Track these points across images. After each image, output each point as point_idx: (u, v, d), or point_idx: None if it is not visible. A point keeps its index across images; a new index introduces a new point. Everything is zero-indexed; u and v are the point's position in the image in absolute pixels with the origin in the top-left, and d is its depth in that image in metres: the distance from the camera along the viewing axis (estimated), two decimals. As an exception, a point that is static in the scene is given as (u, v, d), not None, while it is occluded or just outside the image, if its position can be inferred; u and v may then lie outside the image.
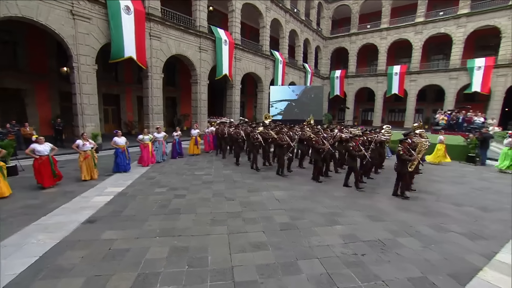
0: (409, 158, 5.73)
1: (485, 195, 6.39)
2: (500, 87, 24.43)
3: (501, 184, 7.32)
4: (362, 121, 34.86)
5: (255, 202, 5.66)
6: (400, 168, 5.86)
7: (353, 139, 6.85)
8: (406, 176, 5.92)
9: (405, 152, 5.73)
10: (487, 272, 3.18)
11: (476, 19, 24.93)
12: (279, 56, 23.68)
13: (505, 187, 7.16)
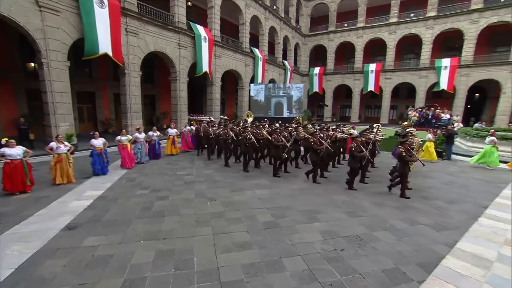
0: (412, 159, 5.90)
1: (451, 189, 6.92)
2: (463, 86, 26.22)
3: (466, 178, 7.94)
4: (340, 117, 35.94)
5: (238, 201, 5.75)
6: (402, 169, 6.00)
7: (355, 140, 6.79)
8: (407, 176, 6.08)
9: (407, 153, 5.89)
10: (449, 259, 3.53)
11: (442, 21, 26.49)
12: (259, 53, 23.75)
13: (468, 180, 7.77)
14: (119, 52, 12.70)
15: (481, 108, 28.90)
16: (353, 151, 6.49)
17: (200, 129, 10.85)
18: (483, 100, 28.50)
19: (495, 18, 24.31)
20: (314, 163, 7.24)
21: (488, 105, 28.15)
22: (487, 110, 28.28)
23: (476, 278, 3.15)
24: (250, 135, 8.14)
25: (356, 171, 6.71)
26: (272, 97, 18.01)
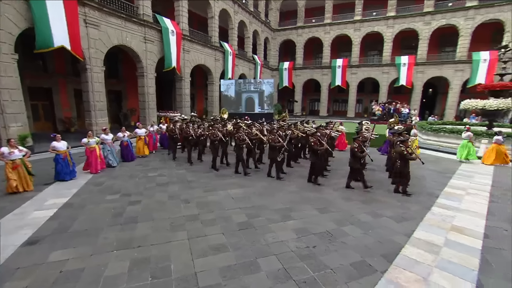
0: (412, 157, 6.04)
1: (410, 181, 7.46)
2: (419, 82, 28.45)
3: (422, 170, 8.54)
4: (309, 111, 37.03)
5: (212, 202, 5.78)
6: (403, 168, 6.15)
7: (356, 140, 6.70)
8: (408, 174, 6.23)
9: (408, 152, 6.03)
10: (407, 248, 3.93)
11: (401, 21, 28.32)
12: (229, 47, 23.50)
13: (424, 171, 8.38)
14: (78, 45, 11.79)
15: (434, 102, 31.66)
16: (355, 152, 6.47)
17: (174, 129, 10.20)
18: (435, 96, 31.20)
19: (444, 21, 26.62)
20: (314, 164, 7.07)
21: (439, 100, 30.90)
22: (439, 104, 31.06)
23: (427, 263, 3.56)
24: (244, 136, 7.76)
25: (356, 171, 6.65)
26: (243, 92, 18.00)
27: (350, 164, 6.70)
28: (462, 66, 26.43)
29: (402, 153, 6.02)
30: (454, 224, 4.75)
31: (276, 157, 7.26)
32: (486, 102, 12.39)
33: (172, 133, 10.28)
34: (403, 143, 6.16)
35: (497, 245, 4.13)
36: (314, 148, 6.92)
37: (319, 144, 6.97)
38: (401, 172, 6.22)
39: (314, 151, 7.02)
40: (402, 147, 6.06)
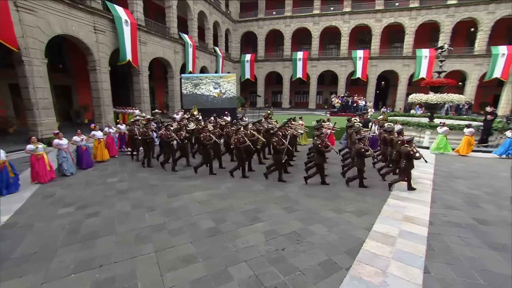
0: (417, 157, 6.24)
1: (368, 174, 7.73)
2: (373, 75, 30.50)
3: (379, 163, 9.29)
4: (272, 103, 37.53)
5: (178, 208, 5.60)
6: (408, 167, 6.39)
7: (319, 136, 6.86)
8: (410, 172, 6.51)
9: (414, 152, 6.25)
10: (368, 242, 4.27)
11: (356, 17, 29.87)
12: (189, 39, 22.55)
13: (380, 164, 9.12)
14: (10, 33, 10.23)
15: (386, 94, 34.29)
16: (320, 148, 6.62)
17: (147, 132, 8.79)
18: (387, 88, 33.77)
19: (392, 19, 28.73)
20: (319, 166, 6.91)
21: (391, 92, 33.57)
22: (390, 96, 33.74)
23: (386, 256, 3.92)
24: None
25: (322, 167, 6.86)
26: (202, 87, 17.50)
27: (316, 161, 6.94)
28: (408, 61, 28.94)
29: (409, 153, 6.26)
30: (406, 214, 5.26)
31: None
32: (428, 97, 13.78)
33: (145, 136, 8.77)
34: (408, 143, 6.39)
35: (438, 230, 4.69)
36: (322, 150, 6.74)
37: (281, 143, 7.04)
38: (405, 171, 6.47)
39: (277, 150, 7.08)
40: (408, 147, 6.28)
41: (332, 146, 6.94)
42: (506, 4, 25.08)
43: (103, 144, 9.43)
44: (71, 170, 7.89)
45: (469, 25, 27.15)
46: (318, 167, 6.94)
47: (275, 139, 7.12)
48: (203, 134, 7.81)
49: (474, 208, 5.68)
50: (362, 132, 8.06)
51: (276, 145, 7.01)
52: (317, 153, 6.83)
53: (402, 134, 7.52)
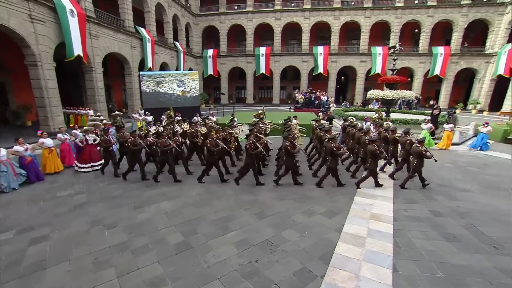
0: (429, 156, 6.45)
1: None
2: (333, 70, 31.80)
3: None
4: (236, 99, 37.24)
5: (143, 222, 5.19)
6: (419, 166, 6.62)
7: (287, 138, 6.81)
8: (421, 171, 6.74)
9: (427, 150, 6.49)
10: (340, 246, 4.37)
11: (316, 14, 30.72)
12: (146, 33, 21.15)
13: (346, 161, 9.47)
14: None
15: (346, 89, 36.09)
16: (289, 150, 6.55)
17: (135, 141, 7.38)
18: (346, 83, 35.55)
19: (349, 17, 30.16)
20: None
21: (350, 87, 35.43)
22: (349, 90, 35.60)
23: (357, 258, 4.04)
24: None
25: (293, 168, 6.94)
26: (165, 85, 16.55)
27: (286, 163, 6.86)
28: (365, 58, 30.71)
29: (421, 153, 6.47)
30: (372, 212, 5.52)
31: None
32: (385, 93, 14.75)
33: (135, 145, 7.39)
34: (420, 143, 6.59)
35: (402, 226, 5.00)
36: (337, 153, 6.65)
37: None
38: (415, 170, 6.70)
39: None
40: (420, 147, 6.50)
41: (299, 147, 6.94)
42: (443, 9, 28.07)
43: (55, 153, 8.31)
44: (13, 185, 6.86)
45: (414, 26, 29.65)
46: (287, 169, 6.94)
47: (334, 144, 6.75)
48: (209, 139, 7.18)
49: (430, 200, 6.17)
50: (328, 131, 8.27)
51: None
52: (286, 155, 6.80)
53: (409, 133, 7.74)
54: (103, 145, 7.87)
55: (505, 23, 26.99)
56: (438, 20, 28.59)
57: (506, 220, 5.31)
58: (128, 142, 7.39)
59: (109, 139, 7.92)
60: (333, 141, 6.69)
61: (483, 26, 28.79)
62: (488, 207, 5.88)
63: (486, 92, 28.94)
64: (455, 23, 28.50)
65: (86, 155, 8.41)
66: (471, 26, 28.69)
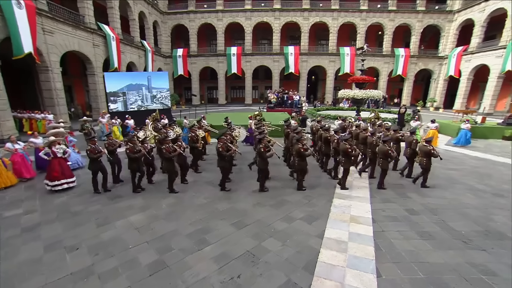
0: (436, 155, 6.63)
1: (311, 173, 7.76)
2: (304, 70, 32.41)
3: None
4: (208, 99, 36.51)
5: (110, 241, 4.66)
6: (427, 164, 6.77)
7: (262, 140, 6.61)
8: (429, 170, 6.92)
9: (434, 151, 6.64)
10: (323, 253, 4.27)
11: (285, 14, 31.06)
12: (110, 31, 19.77)
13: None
14: None
15: (316, 88, 37.01)
16: (262, 152, 6.36)
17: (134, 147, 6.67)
18: (317, 82, 36.45)
19: (318, 18, 30.93)
20: (303, 171, 6.76)
21: (320, 86, 36.38)
22: (320, 90, 36.56)
23: (341, 265, 3.96)
24: (230, 146, 6.73)
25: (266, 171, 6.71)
26: (133, 86, 15.51)
27: (259, 166, 6.68)
28: (334, 58, 31.70)
29: (430, 152, 6.64)
30: (351, 214, 5.53)
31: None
32: (355, 92, 15.25)
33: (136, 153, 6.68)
34: (428, 143, 6.78)
35: (381, 227, 5.05)
36: (352, 155, 6.62)
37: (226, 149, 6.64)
38: (426, 169, 6.88)
39: (221, 156, 6.60)
40: (428, 146, 6.70)
41: (273, 151, 6.73)
42: (402, 14, 30.04)
43: (2, 167, 7.28)
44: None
45: (378, 29, 31.25)
46: (261, 171, 6.70)
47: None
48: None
49: (404, 199, 6.36)
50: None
51: (222, 151, 6.55)
52: (260, 158, 6.58)
53: (415, 133, 7.90)
54: (91, 155, 6.74)
55: (454, 29, 29.87)
56: (398, 24, 30.48)
57: (469, 214, 5.64)
58: (127, 149, 6.69)
59: (98, 148, 6.90)
60: (300, 142, 6.60)
61: (435, 31, 31.27)
62: (454, 202, 6.23)
63: (440, 91, 31.51)
64: (412, 27, 30.59)
65: (56, 170, 6.87)
66: (426, 31, 31.05)
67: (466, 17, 28.14)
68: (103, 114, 13.88)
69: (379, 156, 6.92)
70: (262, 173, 6.75)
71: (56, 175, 6.87)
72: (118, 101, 14.47)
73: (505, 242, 4.65)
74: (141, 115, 13.89)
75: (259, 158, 6.63)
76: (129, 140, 6.85)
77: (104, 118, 13.42)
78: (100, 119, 13.44)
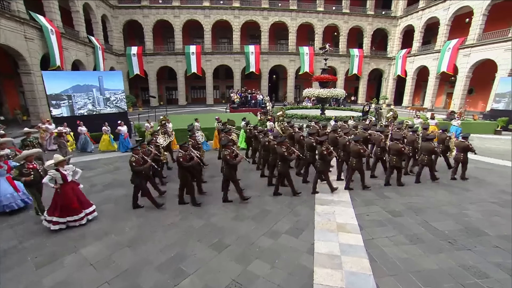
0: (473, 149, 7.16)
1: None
2: (265, 69, 32.43)
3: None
4: (167, 100, 34.51)
5: (56, 287, 3.63)
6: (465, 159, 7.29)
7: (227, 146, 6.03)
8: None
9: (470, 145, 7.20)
10: (317, 272, 3.84)
11: (244, 13, 30.67)
12: (47, 22, 17.12)
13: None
14: None
15: (278, 87, 37.33)
16: (228, 159, 5.76)
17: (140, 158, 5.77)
18: (278, 81, 36.76)
19: (277, 18, 31.15)
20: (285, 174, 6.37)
21: (281, 85, 36.79)
22: (281, 88, 36.97)
23: (339, 286, 3.57)
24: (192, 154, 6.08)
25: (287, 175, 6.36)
26: (81, 87, 13.51)
27: (227, 175, 5.98)
28: (294, 57, 32.24)
29: (467, 147, 7.16)
30: (337, 222, 5.23)
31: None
32: (320, 91, 15.41)
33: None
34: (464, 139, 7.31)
35: (370, 234, 4.82)
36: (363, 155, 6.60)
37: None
38: (464, 163, 7.41)
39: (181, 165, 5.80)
40: (465, 142, 7.20)
41: (241, 156, 6.15)
42: (354, 17, 31.84)
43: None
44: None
45: (334, 29, 32.59)
46: (229, 180, 6.08)
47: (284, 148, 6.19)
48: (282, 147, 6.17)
49: (384, 199, 6.31)
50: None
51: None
52: (226, 165, 5.95)
53: (447, 131, 8.22)
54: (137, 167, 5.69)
55: (398, 33, 32.85)
56: (352, 26, 32.19)
57: (447, 211, 5.75)
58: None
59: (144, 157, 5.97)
60: (283, 145, 6.19)
61: (384, 34, 33.82)
62: (431, 199, 6.35)
63: (390, 89, 34.20)
64: (364, 29, 32.61)
65: (74, 200, 5.12)
66: (376, 33, 33.38)
67: (408, 23, 31.00)
68: (47, 121, 11.83)
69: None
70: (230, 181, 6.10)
71: (76, 207, 5.15)
72: (62, 105, 12.43)
73: (483, 238, 4.76)
74: (92, 121, 12.22)
75: (226, 165, 5.97)
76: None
77: (51, 125, 11.54)
78: (40, 124, 11.49)
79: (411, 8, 30.50)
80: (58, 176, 5.00)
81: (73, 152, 10.69)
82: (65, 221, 5.05)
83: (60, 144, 9.39)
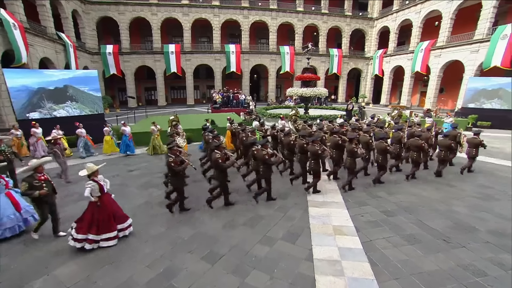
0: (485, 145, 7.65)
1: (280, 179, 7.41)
2: (246, 68, 32.18)
3: None
4: (146, 101, 33.25)
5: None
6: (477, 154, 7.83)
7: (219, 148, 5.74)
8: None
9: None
10: (319, 281, 3.63)
11: (224, 12, 30.21)
12: (7, 15, 15.63)
13: None
14: None
15: (259, 86, 37.22)
16: (219, 163, 5.44)
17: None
18: (259, 80, 36.66)
19: (258, 17, 31.05)
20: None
21: (262, 84, 36.73)
22: (263, 87, 36.91)
23: (344, 294, 3.40)
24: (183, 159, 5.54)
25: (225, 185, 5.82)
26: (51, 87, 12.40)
27: (218, 179, 5.71)
28: (275, 56, 32.24)
29: (480, 143, 7.57)
30: (333, 225, 5.07)
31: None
32: (303, 90, 15.39)
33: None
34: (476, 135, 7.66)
35: (367, 236, 4.71)
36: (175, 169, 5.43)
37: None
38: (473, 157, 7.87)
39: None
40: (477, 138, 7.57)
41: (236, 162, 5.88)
42: (333, 17, 32.54)
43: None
44: None
45: (313, 29, 33.00)
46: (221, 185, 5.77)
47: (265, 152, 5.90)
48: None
49: (375, 199, 6.27)
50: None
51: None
52: (216, 170, 5.69)
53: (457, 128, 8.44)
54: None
55: (375, 34, 33.99)
56: (331, 26, 32.79)
57: (437, 209, 5.80)
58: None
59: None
60: (265, 147, 5.94)
61: (361, 34, 34.77)
62: (421, 197, 6.39)
63: (369, 88, 35.23)
64: (342, 30, 33.34)
65: (110, 216, 4.53)
66: (354, 34, 34.23)
67: (383, 24, 32.12)
68: (15, 127, 10.62)
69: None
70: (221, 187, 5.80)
71: (111, 223, 4.53)
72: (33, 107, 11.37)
73: (474, 234, 4.81)
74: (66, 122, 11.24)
75: (216, 169, 5.69)
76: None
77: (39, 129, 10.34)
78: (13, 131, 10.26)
79: (386, 10, 31.61)
80: (96, 188, 4.40)
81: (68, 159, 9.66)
82: (99, 239, 4.40)
83: (55, 153, 7.41)
